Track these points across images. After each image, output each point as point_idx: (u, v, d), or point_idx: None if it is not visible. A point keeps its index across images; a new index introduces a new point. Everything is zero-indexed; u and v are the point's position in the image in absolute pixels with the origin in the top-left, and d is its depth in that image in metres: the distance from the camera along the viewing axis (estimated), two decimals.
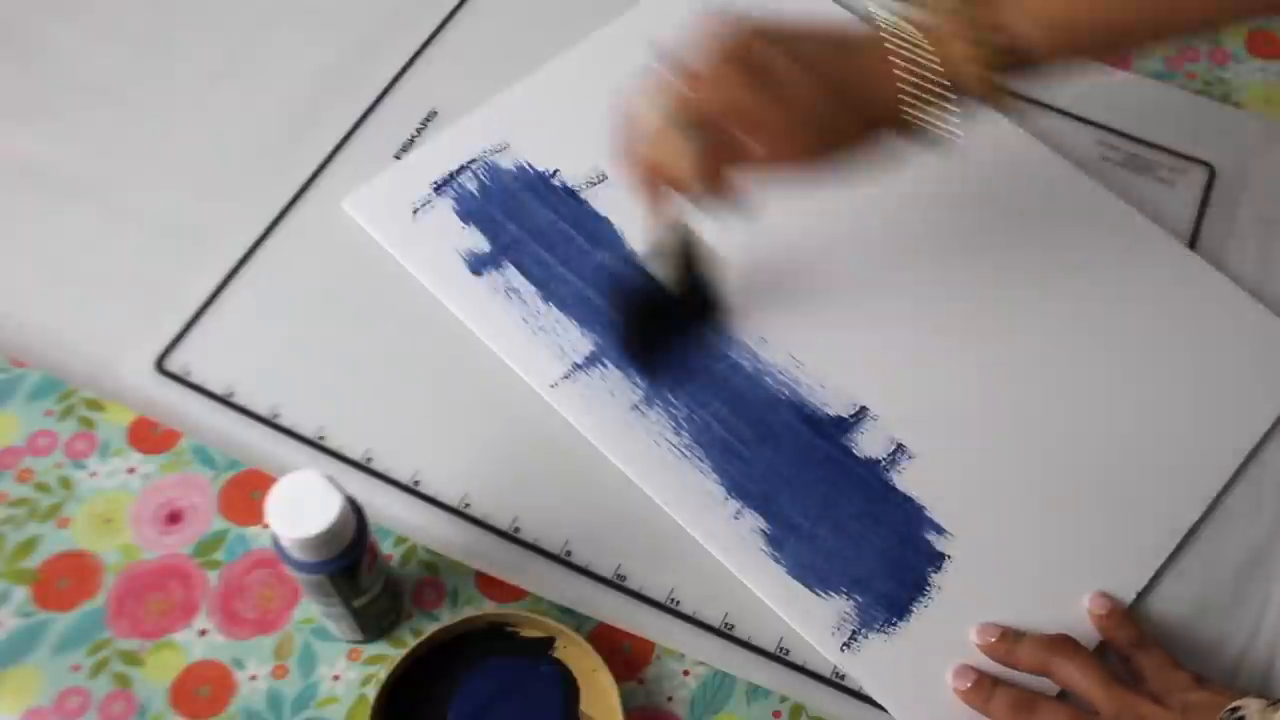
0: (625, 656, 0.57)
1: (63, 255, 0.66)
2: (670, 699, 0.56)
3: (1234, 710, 0.49)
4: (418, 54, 0.74)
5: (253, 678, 0.56)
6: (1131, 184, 0.72)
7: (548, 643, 0.56)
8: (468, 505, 0.60)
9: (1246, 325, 0.67)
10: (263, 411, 0.62)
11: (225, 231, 0.67)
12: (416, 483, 0.60)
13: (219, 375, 0.62)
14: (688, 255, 0.60)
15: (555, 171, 0.69)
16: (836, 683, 0.57)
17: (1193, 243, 0.71)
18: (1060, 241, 0.69)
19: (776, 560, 0.59)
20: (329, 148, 0.70)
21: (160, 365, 0.63)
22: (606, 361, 0.63)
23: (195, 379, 0.62)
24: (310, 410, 0.62)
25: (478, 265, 0.66)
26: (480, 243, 0.67)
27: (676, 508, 0.60)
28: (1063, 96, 0.75)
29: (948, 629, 0.58)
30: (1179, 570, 0.61)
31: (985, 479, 0.62)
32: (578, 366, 0.63)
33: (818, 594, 0.58)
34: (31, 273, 0.65)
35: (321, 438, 0.61)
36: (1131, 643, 0.57)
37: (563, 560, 0.59)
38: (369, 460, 0.61)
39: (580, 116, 0.71)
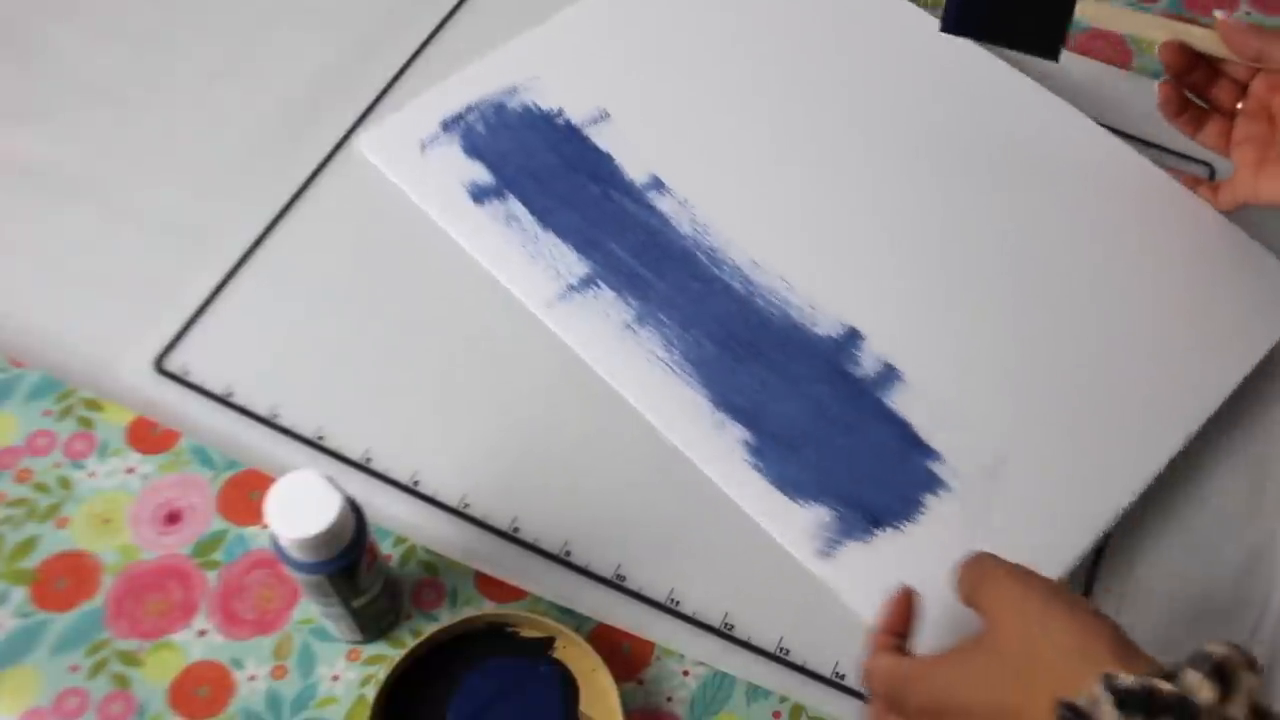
0: (625, 656, 0.57)
1: (62, 255, 0.66)
2: (670, 699, 0.56)
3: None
4: (417, 53, 0.74)
5: (252, 678, 0.56)
6: None
7: (547, 643, 0.56)
8: (467, 505, 0.60)
9: (1239, 258, 0.68)
10: (262, 411, 0.61)
11: (225, 231, 0.67)
12: (416, 483, 0.60)
13: (218, 375, 0.62)
14: None
15: (560, 110, 0.71)
16: (836, 683, 0.57)
17: None
18: (1045, 171, 0.71)
19: (758, 470, 0.60)
20: (329, 147, 0.70)
21: (159, 365, 0.62)
22: (600, 283, 0.65)
23: (194, 379, 0.62)
24: (309, 410, 0.62)
25: (480, 195, 0.68)
26: (484, 175, 0.68)
27: (662, 420, 0.61)
28: (1062, 95, 0.75)
29: (928, 541, 0.58)
30: (1179, 570, 0.61)
31: (974, 401, 0.63)
32: (572, 288, 0.65)
33: (798, 503, 0.59)
34: (31, 273, 0.65)
35: (321, 438, 0.61)
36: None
37: (562, 560, 0.59)
38: (368, 460, 0.61)
39: (586, 64, 0.73)
